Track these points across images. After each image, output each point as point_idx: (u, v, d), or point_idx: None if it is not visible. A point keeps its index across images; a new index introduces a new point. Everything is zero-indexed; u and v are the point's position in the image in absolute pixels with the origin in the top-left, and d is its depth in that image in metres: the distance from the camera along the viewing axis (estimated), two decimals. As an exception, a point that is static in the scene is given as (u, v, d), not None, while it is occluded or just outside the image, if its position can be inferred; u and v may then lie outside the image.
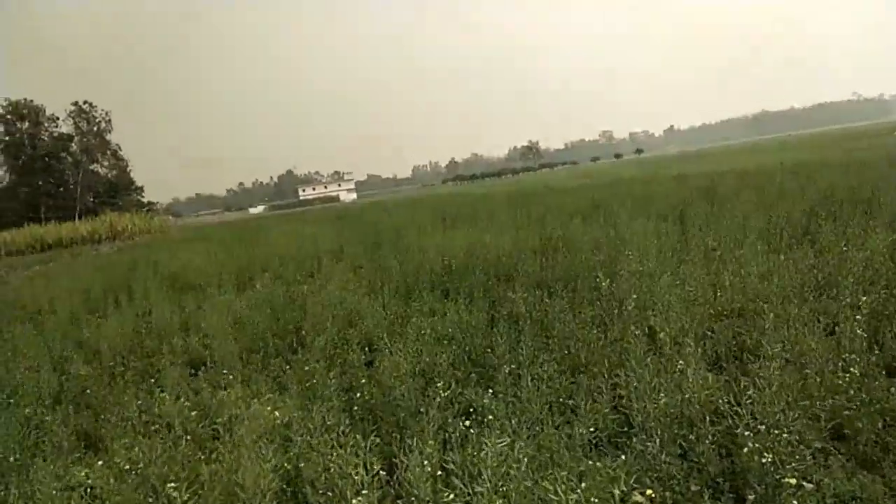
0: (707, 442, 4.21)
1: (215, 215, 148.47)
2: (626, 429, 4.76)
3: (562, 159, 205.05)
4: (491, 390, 5.36)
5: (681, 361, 5.25)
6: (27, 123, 71.20)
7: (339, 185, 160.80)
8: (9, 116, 70.39)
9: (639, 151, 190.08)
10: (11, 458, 5.12)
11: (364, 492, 3.97)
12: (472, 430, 4.53)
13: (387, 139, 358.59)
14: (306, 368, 6.72)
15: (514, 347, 6.27)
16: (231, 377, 6.90)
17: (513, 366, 5.81)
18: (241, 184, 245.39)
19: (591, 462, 4.01)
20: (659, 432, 4.24)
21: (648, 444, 4.17)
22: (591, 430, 4.64)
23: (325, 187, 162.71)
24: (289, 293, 10.71)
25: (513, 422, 4.58)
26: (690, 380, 4.91)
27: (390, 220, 23.91)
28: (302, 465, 4.40)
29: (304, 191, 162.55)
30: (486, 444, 3.96)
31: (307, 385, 6.35)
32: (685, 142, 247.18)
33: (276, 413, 5.46)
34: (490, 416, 4.76)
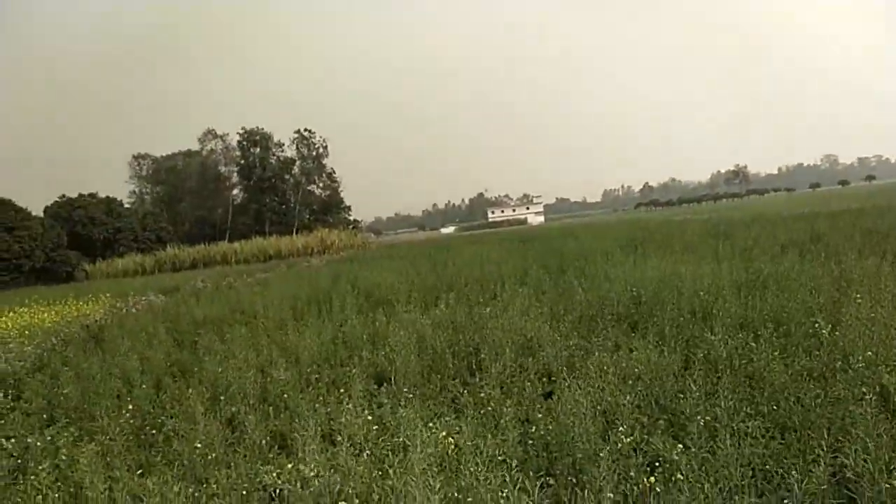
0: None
1: (411, 234, 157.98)
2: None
3: (774, 185, 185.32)
4: (681, 444, 4.77)
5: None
6: (258, 149, 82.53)
7: (528, 209, 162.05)
8: (244, 143, 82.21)
9: (870, 178, 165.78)
10: (211, 455, 5.70)
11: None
12: (657, 488, 4.05)
13: (577, 157, 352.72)
14: (481, 395, 6.65)
15: (710, 395, 5.59)
16: (411, 395, 7.06)
17: (708, 417, 5.15)
18: (434, 205, 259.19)
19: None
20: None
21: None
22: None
23: (514, 210, 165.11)
24: (470, 315, 10.81)
25: (706, 486, 4.00)
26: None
27: (577, 245, 23.26)
28: (469, 500, 4.27)
29: (493, 213, 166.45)
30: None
31: (483, 411, 6.29)
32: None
33: (451, 439, 5.42)
34: (679, 475, 4.22)
